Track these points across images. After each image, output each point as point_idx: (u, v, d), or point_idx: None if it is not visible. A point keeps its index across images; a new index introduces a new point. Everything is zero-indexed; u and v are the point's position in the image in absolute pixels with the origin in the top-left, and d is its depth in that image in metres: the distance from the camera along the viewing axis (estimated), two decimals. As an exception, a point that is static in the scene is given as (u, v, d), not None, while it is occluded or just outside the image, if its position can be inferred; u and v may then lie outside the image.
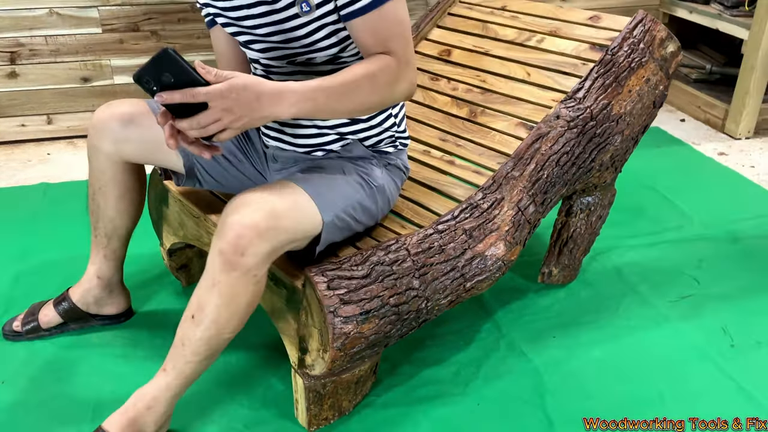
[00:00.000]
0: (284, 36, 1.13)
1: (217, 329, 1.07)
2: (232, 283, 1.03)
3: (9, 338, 1.45)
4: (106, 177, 1.32)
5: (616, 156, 1.50)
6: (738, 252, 1.80)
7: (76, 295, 1.44)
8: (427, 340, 1.47)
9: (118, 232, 1.40)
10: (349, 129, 1.24)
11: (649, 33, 1.50)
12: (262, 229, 1.01)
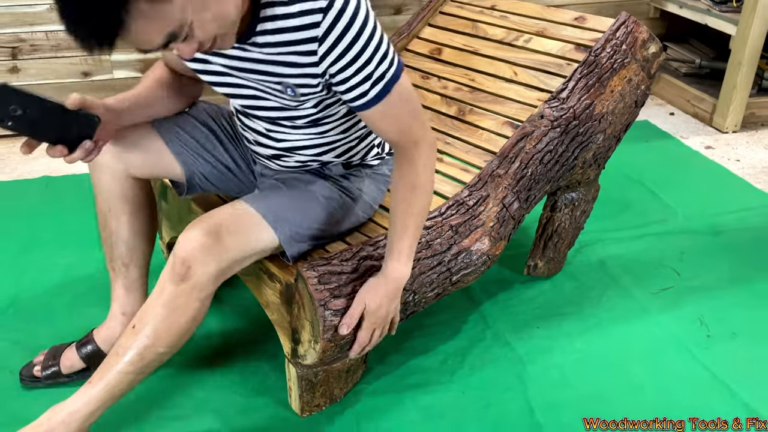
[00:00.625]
0: (260, 102, 1.15)
1: (153, 340, 1.09)
2: (177, 294, 1.07)
3: (27, 383, 1.35)
4: (115, 196, 1.29)
5: (598, 154, 1.56)
6: (719, 245, 1.86)
7: (100, 337, 1.36)
8: (415, 330, 1.53)
9: (135, 257, 1.34)
10: (333, 158, 1.28)
11: (632, 34, 1.55)
12: (207, 247, 1.07)
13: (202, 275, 1.08)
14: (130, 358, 1.09)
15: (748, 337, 1.51)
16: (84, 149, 1.07)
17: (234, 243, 1.10)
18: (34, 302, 1.60)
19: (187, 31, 0.89)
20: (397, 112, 1.08)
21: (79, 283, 1.67)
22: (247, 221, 1.14)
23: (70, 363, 1.35)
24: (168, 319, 1.08)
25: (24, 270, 1.72)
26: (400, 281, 1.16)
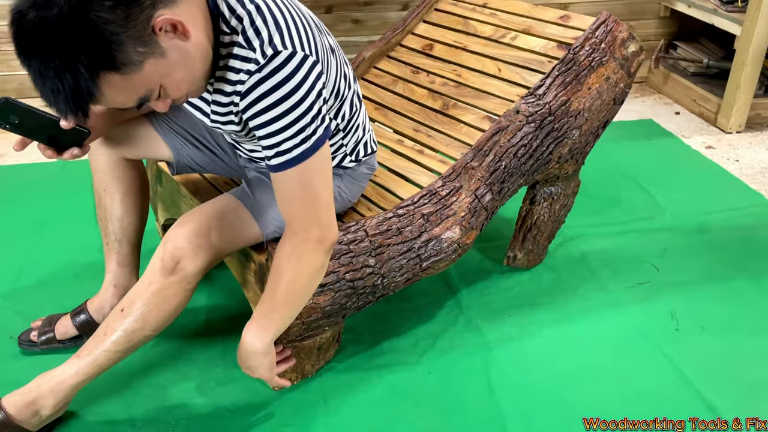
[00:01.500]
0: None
1: (141, 325, 1.17)
2: (166, 286, 1.16)
3: (24, 347, 1.46)
4: (110, 177, 1.39)
5: (575, 149, 1.60)
6: (703, 243, 1.88)
7: (93, 307, 1.45)
8: (392, 313, 1.60)
9: (127, 233, 1.44)
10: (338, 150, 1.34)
11: (611, 33, 1.59)
12: (196, 244, 1.16)
13: (191, 269, 1.16)
14: (117, 338, 1.18)
15: (716, 333, 1.54)
16: (71, 153, 1.16)
17: (221, 239, 1.19)
18: (39, 275, 1.71)
19: (159, 92, 0.96)
20: (286, 191, 1.07)
21: (82, 259, 1.77)
22: (235, 218, 1.22)
23: (65, 330, 1.46)
24: (156, 307, 1.17)
25: (33, 245, 1.84)
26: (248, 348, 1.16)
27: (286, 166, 1.04)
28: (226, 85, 1.04)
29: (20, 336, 1.48)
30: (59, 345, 1.46)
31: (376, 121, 1.77)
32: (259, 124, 1.02)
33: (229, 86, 1.04)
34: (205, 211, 1.20)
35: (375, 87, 1.87)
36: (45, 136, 1.13)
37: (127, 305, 1.19)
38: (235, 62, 1.01)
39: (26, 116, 1.08)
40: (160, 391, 1.37)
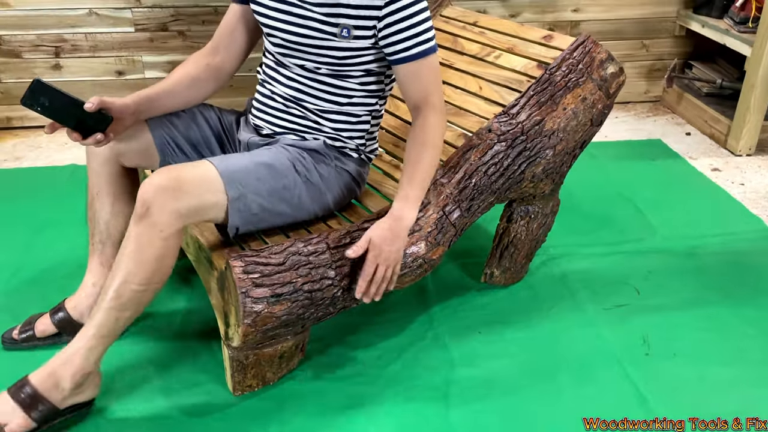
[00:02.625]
0: (309, 47, 1.34)
1: (125, 276, 1.22)
2: (140, 233, 1.21)
3: (6, 345, 1.52)
4: (102, 180, 1.46)
5: (549, 169, 1.60)
6: (690, 267, 1.85)
7: (70, 305, 1.51)
8: (363, 325, 1.62)
9: (112, 236, 1.49)
10: (327, 127, 1.43)
11: (589, 54, 1.58)
12: (165, 189, 1.21)
13: (160, 214, 1.21)
14: (110, 296, 1.24)
15: (687, 359, 1.51)
16: (95, 139, 1.29)
17: (189, 189, 1.23)
18: (33, 275, 1.79)
19: None
20: (426, 76, 1.33)
21: (77, 261, 1.85)
22: (204, 174, 1.27)
23: (44, 328, 1.52)
24: (135, 256, 1.22)
25: (33, 245, 1.92)
26: (405, 221, 1.33)
27: (425, 54, 1.31)
28: None
29: (3, 334, 1.55)
30: (39, 342, 1.53)
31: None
32: (404, 16, 1.28)
33: None
34: (178, 167, 1.26)
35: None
36: (73, 120, 1.25)
37: (114, 264, 1.25)
38: None
39: (55, 98, 1.22)
40: (125, 393, 1.42)
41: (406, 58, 1.32)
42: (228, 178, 1.28)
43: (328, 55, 1.35)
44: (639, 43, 2.92)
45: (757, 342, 1.57)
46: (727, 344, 1.56)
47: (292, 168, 1.38)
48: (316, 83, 1.40)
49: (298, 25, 1.34)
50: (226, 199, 1.28)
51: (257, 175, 1.32)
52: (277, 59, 1.43)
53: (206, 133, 1.51)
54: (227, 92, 2.77)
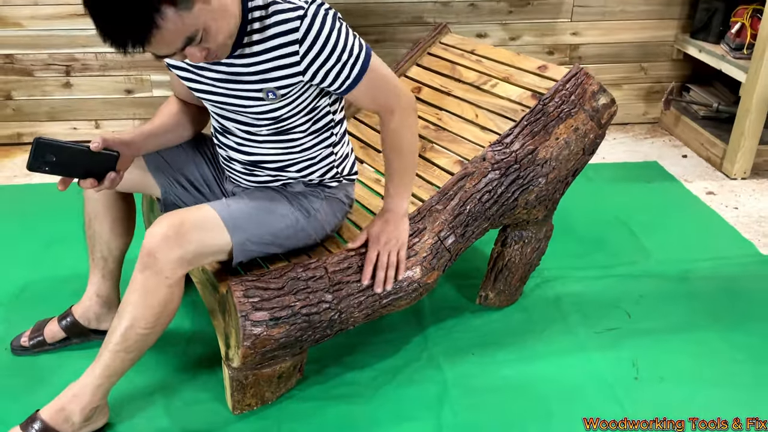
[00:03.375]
0: (244, 112, 1.34)
1: (131, 321, 1.27)
2: (145, 279, 1.26)
3: (17, 353, 1.61)
4: (101, 206, 1.52)
5: (542, 196, 1.65)
6: (682, 291, 1.89)
7: (78, 312, 1.61)
8: (359, 346, 1.67)
9: (113, 253, 1.58)
10: (295, 174, 1.45)
11: (581, 86, 1.63)
12: (169, 238, 1.25)
13: (166, 263, 1.25)
14: (117, 339, 1.29)
15: (674, 383, 1.55)
16: (110, 179, 1.30)
17: (194, 237, 1.27)
18: (41, 290, 1.85)
19: (201, 36, 1.12)
20: (375, 86, 1.33)
21: (84, 275, 1.89)
22: (208, 222, 1.31)
23: (53, 333, 1.61)
24: (141, 303, 1.27)
25: (41, 261, 1.98)
26: (398, 211, 1.43)
27: (364, 70, 1.29)
28: (278, 39, 1.22)
29: (12, 342, 1.63)
30: (49, 347, 1.62)
31: (360, 161, 1.86)
32: (327, 55, 1.23)
33: (283, 38, 1.22)
34: (181, 213, 1.30)
35: (363, 126, 1.97)
36: (81, 169, 1.25)
37: (121, 308, 1.30)
38: (284, 15, 1.21)
39: (60, 152, 1.20)
40: (131, 407, 1.47)
41: (351, 85, 1.30)
42: (232, 226, 1.32)
43: (265, 117, 1.34)
44: (638, 66, 2.97)
45: (745, 367, 1.60)
46: (715, 369, 1.60)
47: (290, 206, 1.43)
48: (265, 144, 1.40)
49: (222, 93, 1.32)
50: (230, 244, 1.33)
51: (259, 220, 1.37)
52: (221, 124, 1.43)
53: (202, 167, 1.56)
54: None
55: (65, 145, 1.21)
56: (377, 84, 1.33)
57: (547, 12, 2.80)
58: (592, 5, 2.81)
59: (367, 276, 1.40)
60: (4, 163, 2.65)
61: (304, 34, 1.21)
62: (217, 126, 1.44)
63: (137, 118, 2.81)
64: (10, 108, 2.72)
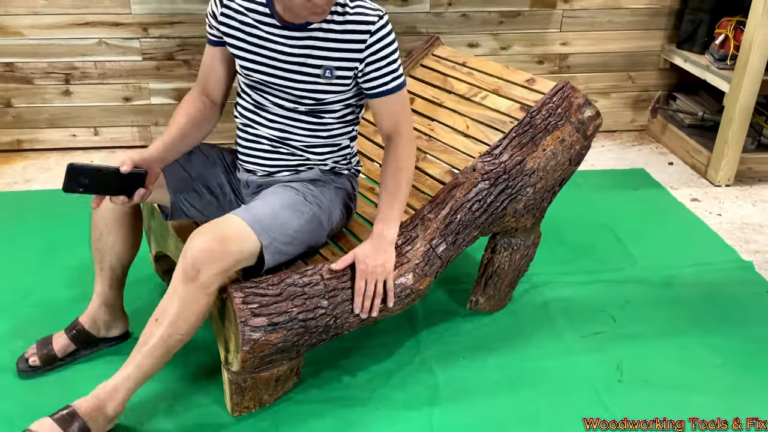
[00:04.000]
0: (290, 88, 1.46)
1: (173, 330, 1.35)
2: (189, 292, 1.33)
3: (27, 374, 1.60)
4: (111, 220, 1.58)
5: (529, 205, 1.71)
6: (666, 297, 1.95)
7: (86, 322, 1.65)
8: (354, 350, 1.72)
9: (122, 264, 1.64)
10: (315, 157, 1.55)
11: (567, 99, 1.70)
12: (213, 251, 1.32)
13: (209, 276, 1.33)
14: (155, 344, 1.35)
15: (657, 386, 1.62)
16: (139, 195, 1.40)
17: (232, 248, 1.35)
18: (44, 297, 1.89)
19: None
20: (398, 107, 1.50)
21: (86, 281, 1.95)
22: (240, 230, 1.38)
23: (62, 347, 1.63)
24: (183, 312, 1.34)
25: (45, 267, 2.03)
26: (387, 239, 1.47)
27: (398, 88, 1.48)
28: (354, 26, 1.41)
29: (18, 365, 1.62)
30: (61, 363, 1.64)
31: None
32: (382, 56, 1.44)
33: (359, 26, 1.41)
34: (215, 226, 1.37)
35: (359, 136, 2.02)
36: (113, 188, 1.36)
37: (160, 314, 1.36)
38: (365, 11, 1.42)
39: (92, 175, 1.32)
40: (132, 411, 1.52)
41: (383, 93, 1.47)
42: (258, 229, 1.39)
43: (309, 96, 1.47)
44: (625, 75, 3.04)
45: (723, 371, 1.67)
46: (696, 373, 1.66)
47: (305, 201, 1.50)
48: (298, 122, 1.51)
49: (279, 68, 1.45)
50: (259, 247, 1.40)
51: (281, 219, 1.44)
52: (255, 101, 1.52)
53: (214, 171, 1.62)
54: (229, 118, 2.88)
55: (97, 168, 1.32)
56: (401, 106, 1.50)
57: (537, 23, 2.87)
58: (580, 16, 2.89)
59: (358, 307, 1.46)
60: (4, 169, 2.69)
61: (375, 30, 1.42)
62: (248, 102, 1.54)
63: (135, 125, 2.85)
64: (10, 115, 2.77)
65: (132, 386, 1.39)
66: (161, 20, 2.67)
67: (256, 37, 1.45)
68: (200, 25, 2.69)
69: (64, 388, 1.57)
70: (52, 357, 1.63)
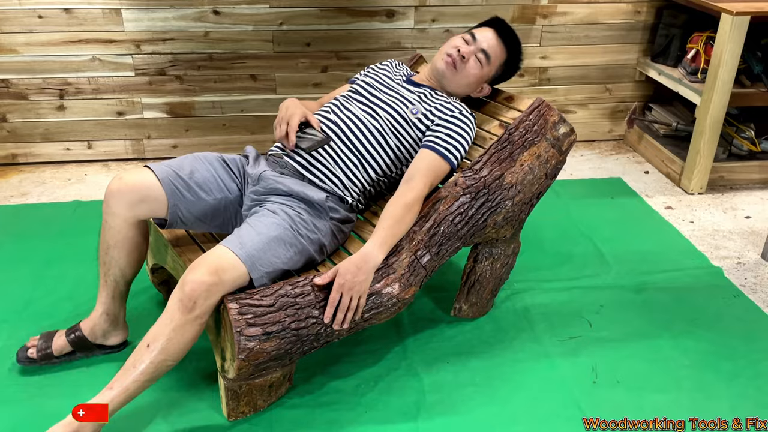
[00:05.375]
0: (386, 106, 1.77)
1: (165, 356, 1.43)
2: (185, 322, 1.42)
3: (24, 364, 1.72)
4: (121, 236, 1.65)
5: (509, 217, 1.81)
6: (638, 301, 2.06)
7: (86, 329, 1.74)
8: (344, 356, 1.81)
9: (126, 278, 1.72)
10: (343, 188, 1.72)
11: (543, 117, 1.80)
12: (209, 285, 1.42)
13: (205, 307, 1.44)
14: (145, 369, 1.43)
15: (628, 387, 1.72)
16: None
17: (226, 281, 1.45)
18: (43, 308, 1.97)
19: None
20: (429, 168, 1.69)
21: (85, 292, 2.03)
22: (233, 264, 1.47)
23: (60, 347, 1.73)
24: (176, 340, 1.43)
25: (43, 278, 2.10)
26: (373, 261, 1.56)
27: (441, 156, 1.71)
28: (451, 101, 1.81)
29: (18, 353, 1.73)
30: (56, 361, 1.74)
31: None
32: (453, 123, 1.75)
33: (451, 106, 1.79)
34: (211, 259, 1.46)
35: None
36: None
37: (152, 340, 1.43)
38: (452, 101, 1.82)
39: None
40: (130, 416, 1.60)
41: (430, 147, 1.71)
42: (251, 264, 1.49)
43: (393, 117, 1.76)
44: (602, 87, 3.15)
45: (690, 371, 1.78)
46: (664, 374, 1.77)
47: (297, 233, 1.59)
48: (372, 128, 1.75)
49: (388, 95, 1.82)
50: (249, 279, 1.50)
51: (272, 251, 1.53)
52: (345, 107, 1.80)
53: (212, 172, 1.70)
54: (220, 131, 2.97)
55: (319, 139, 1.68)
56: (434, 171, 1.69)
57: (518, 37, 2.97)
58: (559, 31, 3.00)
59: (329, 316, 1.53)
60: (0, 183, 2.76)
61: (459, 107, 1.79)
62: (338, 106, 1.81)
63: (128, 139, 2.93)
64: (5, 130, 2.84)
65: (113, 410, 1.44)
66: (153, 37, 2.75)
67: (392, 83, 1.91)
68: (191, 41, 2.78)
69: (68, 389, 1.65)
70: (48, 354, 1.73)
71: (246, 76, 2.88)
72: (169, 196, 1.64)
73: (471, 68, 1.81)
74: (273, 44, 2.83)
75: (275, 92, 2.93)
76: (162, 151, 2.97)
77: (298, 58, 2.88)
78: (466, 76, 1.82)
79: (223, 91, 2.89)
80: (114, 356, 1.79)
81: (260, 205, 1.65)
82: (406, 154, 1.79)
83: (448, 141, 1.72)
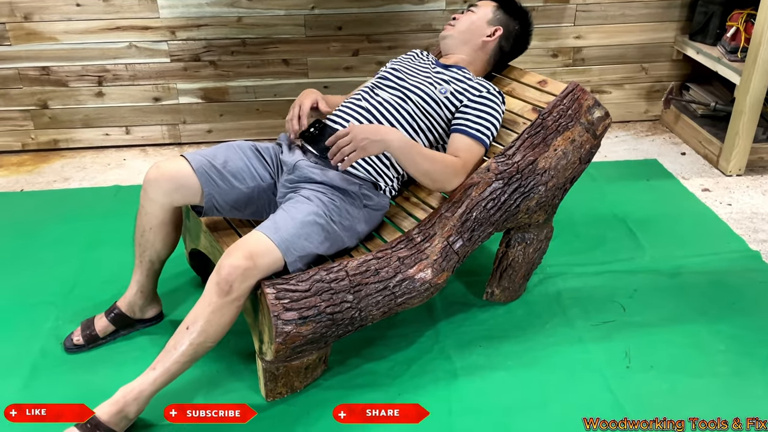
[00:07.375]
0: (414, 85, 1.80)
1: (204, 338, 1.48)
2: (222, 305, 1.47)
3: (73, 352, 1.79)
4: (158, 221, 1.73)
5: (542, 202, 1.80)
6: (673, 286, 2.04)
7: (124, 307, 1.82)
8: (377, 339, 1.84)
9: (160, 258, 1.80)
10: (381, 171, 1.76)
11: (578, 101, 1.79)
12: (245, 269, 1.46)
13: (241, 290, 1.48)
14: (185, 350, 1.48)
15: (662, 371, 1.72)
16: None
17: (261, 264, 1.50)
18: (88, 290, 2.04)
19: None
20: (466, 151, 1.73)
21: (127, 276, 2.08)
22: (268, 249, 1.52)
23: (103, 328, 1.82)
24: (215, 322, 1.48)
25: (87, 262, 2.17)
26: (391, 137, 1.61)
27: (474, 139, 1.74)
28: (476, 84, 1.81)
29: (65, 343, 1.81)
30: (101, 342, 1.82)
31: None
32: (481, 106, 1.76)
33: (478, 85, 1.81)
34: (246, 244, 1.51)
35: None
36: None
37: (191, 323, 1.49)
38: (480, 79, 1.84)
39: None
40: (172, 396, 1.66)
41: (461, 131, 1.74)
42: (285, 248, 1.52)
43: (422, 98, 1.77)
44: (638, 66, 3.10)
45: (726, 357, 1.77)
46: (699, 359, 1.76)
47: (330, 220, 1.62)
48: (404, 111, 1.77)
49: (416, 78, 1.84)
50: (284, 262, 1.54)
51: (305, 236, 1.56)
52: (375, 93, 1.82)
53: (245, 161, 1.75)
54: (253, 115, 3.01)
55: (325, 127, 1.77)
56: (470, 152, 1.73)
57: (551, 17, 2.94)
58: (594, 9, 2.95)
59: (329, 144, 1.61)
60: (43, 168, 2.84)
61: (489, 88, 1.79)
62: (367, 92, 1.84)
63: (165, 124, 2.98)
64: (47, 116, 2.91)
65: (156, 390, 1.50)
66: (188, 23, 2.79)
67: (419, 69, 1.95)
68: (224, 27, 2.81)
69: (113, 368, 1.73)
70: (93, 336, 1.81)
71: (278, 60, 2.90)
72: (203, 185, 1.68)
73: (462, 21, 1.93)
74: (305, 28, 2.85)
75: (307, 76, 2.95)
76: (197, 135, 3.03)
77: (329, 42, 2.89)
78: (462, 32, 1.92)
79: (256, 76, 2.92)
80: (151, 335, 1.86)
81: (295, 191, 1.68)
82: (438, 136, 1.80)
83: (479, 122, 1.74)
